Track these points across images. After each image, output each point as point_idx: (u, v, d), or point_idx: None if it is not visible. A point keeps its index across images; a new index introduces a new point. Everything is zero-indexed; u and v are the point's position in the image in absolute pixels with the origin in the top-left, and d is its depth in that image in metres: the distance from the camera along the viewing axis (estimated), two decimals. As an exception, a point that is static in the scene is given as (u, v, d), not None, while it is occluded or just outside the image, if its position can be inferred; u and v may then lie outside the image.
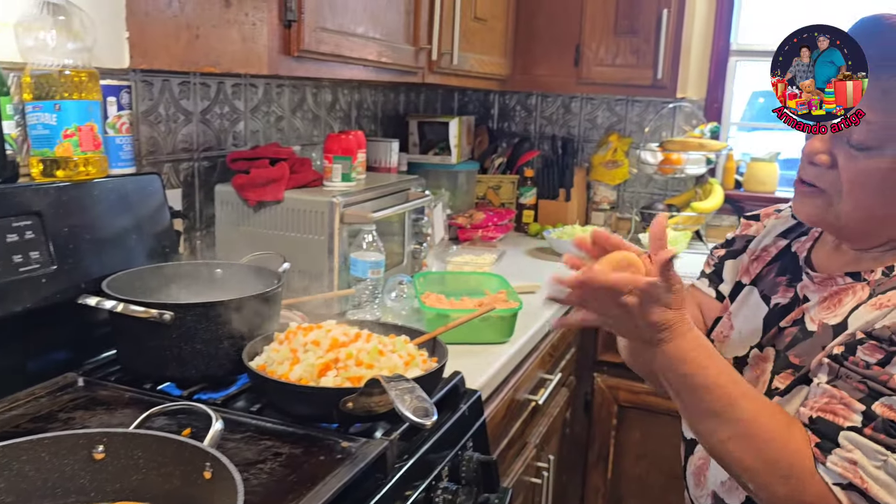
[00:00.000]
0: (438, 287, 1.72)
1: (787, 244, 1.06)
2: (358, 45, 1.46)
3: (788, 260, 1.04)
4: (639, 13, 2.30)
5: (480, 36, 2.13)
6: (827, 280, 0.95)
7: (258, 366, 1.06)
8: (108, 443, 0.75)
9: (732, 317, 1.07)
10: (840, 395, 0.81)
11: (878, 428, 0.78)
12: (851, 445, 0.79)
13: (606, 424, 2.20)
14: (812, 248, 1.02)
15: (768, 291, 1.03)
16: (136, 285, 1.20)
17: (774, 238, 1.09)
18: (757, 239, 1.12)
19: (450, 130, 2.44)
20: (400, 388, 0.84)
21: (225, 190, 1.58)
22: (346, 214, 1.51)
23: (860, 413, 0.79)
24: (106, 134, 1.27)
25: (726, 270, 1.14)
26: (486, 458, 1.13)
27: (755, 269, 1.08)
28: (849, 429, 0.79)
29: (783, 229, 1.09)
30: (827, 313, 0.92)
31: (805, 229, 1.06)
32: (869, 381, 0.80)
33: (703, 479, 1.02)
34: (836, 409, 0.81)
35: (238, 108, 1.76)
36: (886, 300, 0.85)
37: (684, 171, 2.51)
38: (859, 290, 0.90)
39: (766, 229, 1.12)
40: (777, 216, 1.12)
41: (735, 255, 1.14)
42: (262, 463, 0.89)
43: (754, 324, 1.02)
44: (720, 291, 1.14)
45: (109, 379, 1.14)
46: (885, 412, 0.78)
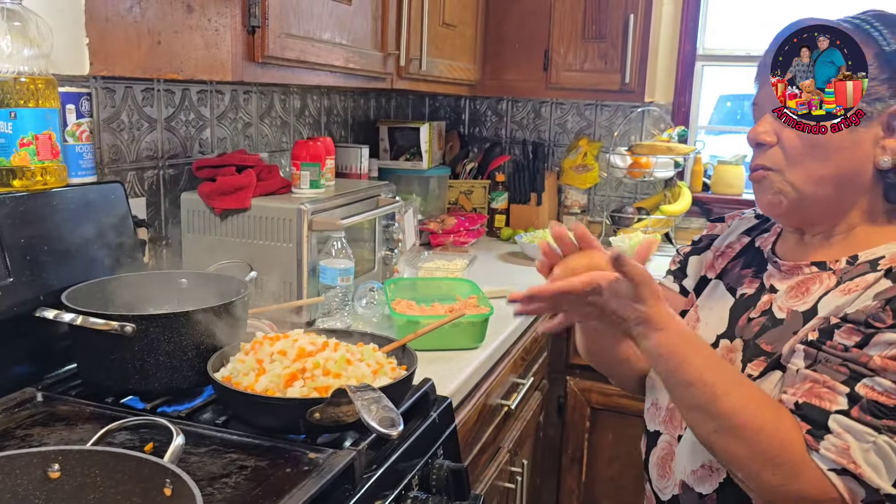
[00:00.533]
0: (410, 293, 1.71)
1: (751, 240, 1.10)
2: (324, 51, 1.45)
3: (753, 254, 1.07)
4: (606, 18, 2.32)
5: (449, 41, 2.13)
6: (793, 268, 0.97)
7: (223, 377, 1.04)
8: (64, 461, 0.73)
9: (699, 309, 1.09)
10: (823, 378, 0.83)
11: (864, 409, 0.80)
12: (841, 429, 0.81)
13: (580, 427, 2.21)
14: (776, 242, 1.05)
15: (734, 284, 1.06)
16: (97, 297, 1.17)
17: (738, 236, 1.12)
18: (721, 237, 1.15)
19: (420, 136, 2.44)
20: (366, 398, 0.83)
21: (191, 198, 1.56)
22: (314, 221, 1.49)
23: (845, 395, 0.81)
24: (65, 142, 1.24)
25: (690, 266, 1.17)
26: (456, 465, 1.12)
27: (720, 264, 1.11)
28: (837, 412, 0.81)
29: (746, 227, 1.13)
30: (795, 301, 0.94)
31: (767, 226, 1.09)
32: (850, 364, 0.82)
33: (668, 469, 1.03)
34: (821, 394, 0.83)
35: (204, 115, 1.73)
36: (854, 286, 0.88)
37: (653, 174, 2.53)
38: (826, 279, 0.93)
39: (729, 229, 1.15)
40: (741, 218, 1.16)
41: (699, 252, 1.16)
42: (226, 477, 0.88)
43: (720, 314, 1.04)
44: (684, 286, 1.16)
45: (70, 393, 1.11)
46: (868, 393, 0.81)
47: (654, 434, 1.07)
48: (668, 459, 1.03)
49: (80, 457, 0.74)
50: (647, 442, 1.09)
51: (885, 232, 0.94)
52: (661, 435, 1.05)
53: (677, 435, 1.02)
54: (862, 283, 0.88)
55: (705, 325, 1.05)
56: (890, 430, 0.80)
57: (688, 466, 0.99)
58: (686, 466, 0.99)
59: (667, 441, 1.04)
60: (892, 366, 0.80)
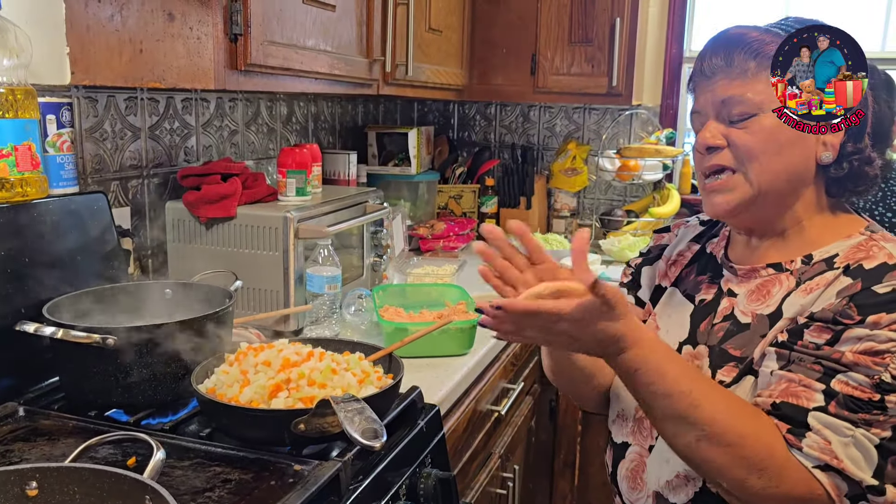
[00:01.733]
0: (399, 300, 1.70)
1: (702, 246, 1.10)
2: (308, 58, 1.45)
3: (706, 260, 1.08)
4: (592, 22, 2.32)
5: (436, 46, 2.13)
6: (750, 272, 0.98)
7: (208, 389, 1.03)
8: (42, 478, 0.72)
9: (658, 318, 1.09)
10: (798, 377, 0.84)
11: (841, 404, 0.82)
12: (821, 425, 0.82)
13: (572, 431, 2.21)
14: (727, 246, 1.05)
15: (691, 290, 1.06)
16: (80, 309, 1.16)
17: (687, 243, 1.13)
18: (671, 246, 1.15)
19: (409, 141, 2.43)
20: (349, 408, 0.82)
21: (176, 207, 1.54)
22: (300, 229, 1.48)
23: (821, 392, 0.83)
24: (45, 153, 1.23)
25: (643, 277, 1.16)
26: (444, 474, 1.11)
27: (673, 272, 1.11)
28: (815, 409, 0.82)
29: (693, 235, 1.13)
30: (758, 304, 0.95)
31: (716, 231, 1.10)
32: (823, 361, 0.84)
33: (640, 481, 1.02)
34: (797, 392, 0.84)
35: (189, 123, 1.72)
36: (815, 284, 0.90)
37: (642, 177, 2.54)
38: (785, 280, 0.94)
39: (677, 237, 1.15)
40: (687, 226, 1.16)
41: (651, 262, 1.16)
42: (209, 491, 0.86)
43: (681, 321, 1.04)
44: (639, 297, 1.16)
45: (52, 407, 1.10)
46: (843, 388, 0.82)
47: (621, 446, 1.06)
48: (640, 471, 1.02)
49: (58, 474, 0.73)
50: (614, 454, 1.08)
51: (832, 225, 0.96)
52: (630, 446, 1.04)
53: (648, 445, 1.01)
54: (822, 282, 0.90)
55: (666, 333, 1.05)
56: (866, 423, 0.81)
57: (661, 476, 0.98)
58: (660, 476, 0.98)
59: (636, 452, 1.03)
60: (864, 360, 0.82)
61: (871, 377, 0.81)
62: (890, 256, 0.87)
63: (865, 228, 0.94)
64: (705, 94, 0.95)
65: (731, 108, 0.92)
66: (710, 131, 0.94)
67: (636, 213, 2.63)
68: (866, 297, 0.84)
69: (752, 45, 0.92)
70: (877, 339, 0.82)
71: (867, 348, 0.82)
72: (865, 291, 0.84)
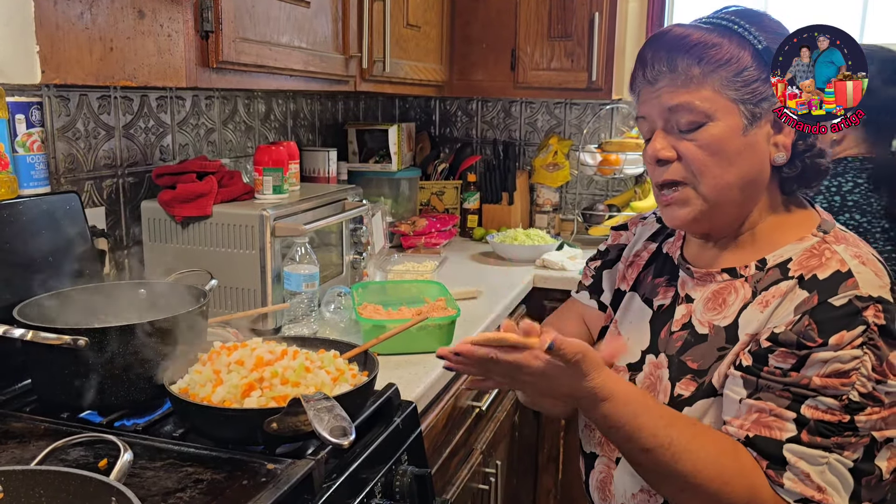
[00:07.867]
0: (378, 297, 1.70)
1: (658, 246, 1.09)
2: (282, 55, 1.44)
3: (662, 261, 1.07)
4: (571, 17, 2.33)
5: (414, 42, 2.12)
6: (705, 276, 0.97)
7: (181, 389, 1.02)
8: (7, 481, 0.71)
9: (619, 325, 1.08)
10: (769, 406, 0.83)
11: (813, 431, 0.81)
12: (796, 458, 0.81)
13: (555, 425, 2.21)
14: (683, 245, 1.05)
15: (649, 294, 1.05)
16: (53, 310, 1.15)
17: (644, 243, 1.12)
18: (628, 247, 1.14)
19: (389, 138, 2.43)
20: (318, 407, 0.82)
21: (151, 206, 1.53)
22: (277, 227, 1.48)
23: (792, 421, 0.82)
24: (15, 153, 1.22)
25: (604, 280, 1.16)
26: (421, 471, 1.11)
27: (632, 274, 1.11)
28: (788, 441, 0.82)
29: (650, 233, 1.12)
30: (714, 314, 0.94)
31: (671, 230, 1.09)
32: (791, 388, 0.83)
33: (608, 492, 1.02)
34: (769, 423, 0.83)
35: (164, 122, 1.71)
36: (770, 296, 0.89)
37: (623, 171, 2.54)
38: (741, 288, 0.93)
39: (635, 237, 1.14)
40: (643, 223, 1.15)
41: (611, 265, 1.16)
42: (181, 491, 0.86)
43: (641, 329, 1.03)
44: (602, 302, 1.16)
45: (25, 410, 1.09)
46: (813, 413, 0.81)
47: (590, 455, 1.06)
48: (608, 482, 1.02)
49: (23, 476, 0.72)
50: (585, 463, 1.07)
51: (785, 225, 0.94)
52: (598, 457, 1.04)
53: (615, 457, 1.00)
54: (777, 293, 0.88)
55: (628, 340, 1.04)
56: (839, 447, 0.81)
57: (628, 489, 0.98)
58: (626, 489, 0.98)
59: (604, 464, 1.03)
60: (832, 383, 0.81)
61: (839, 398, 0.81)
62: (842, 263, 0.86)
63: (818, 228, 0.93)
64: (651, 101, 0.92)
65: (679, 118, 0.89)
66: (659, 143, 0.92)
67: (618, 208, 2.63)
68: (824, 311, 0.82)
69: (695, 49, 0.88)
70: (841, 359, 0.81)
71: (833, 370, 0.81)
72: (823, 305, 0.83)
